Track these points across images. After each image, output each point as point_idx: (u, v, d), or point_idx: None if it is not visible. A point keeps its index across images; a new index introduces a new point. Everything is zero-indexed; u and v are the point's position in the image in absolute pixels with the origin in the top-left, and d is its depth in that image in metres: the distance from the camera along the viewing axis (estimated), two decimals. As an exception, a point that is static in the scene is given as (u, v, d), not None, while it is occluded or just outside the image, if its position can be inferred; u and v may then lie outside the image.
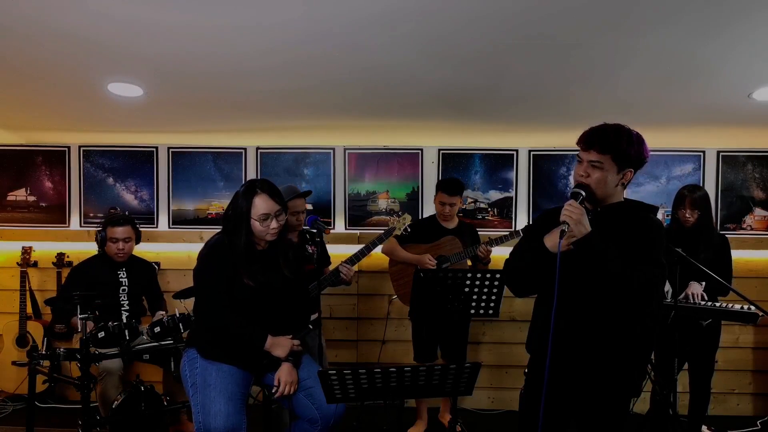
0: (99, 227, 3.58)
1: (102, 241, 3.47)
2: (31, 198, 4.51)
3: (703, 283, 3.16)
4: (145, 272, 3.71)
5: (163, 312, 3.44)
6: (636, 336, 1.96)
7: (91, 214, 4.48)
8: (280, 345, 2.40)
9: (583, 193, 1.92)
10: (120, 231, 3.46)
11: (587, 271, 1.89)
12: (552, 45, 2.62)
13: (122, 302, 3.50)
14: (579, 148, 1.97)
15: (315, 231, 3.17)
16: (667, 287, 3.08)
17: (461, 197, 3.69)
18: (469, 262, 3.65)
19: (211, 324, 2.39)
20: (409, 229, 3.35)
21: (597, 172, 1.93)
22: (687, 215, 3.23)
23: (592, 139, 1.93)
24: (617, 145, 1.91)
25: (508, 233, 3.64)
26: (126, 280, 3.55)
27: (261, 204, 2.35)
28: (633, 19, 2.36)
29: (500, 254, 4.17)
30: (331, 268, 3.42)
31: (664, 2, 2.22)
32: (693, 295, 3.13)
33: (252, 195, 2.36)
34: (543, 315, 2.03)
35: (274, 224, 2.38)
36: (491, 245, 3.55)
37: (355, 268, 3.34)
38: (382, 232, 3.36)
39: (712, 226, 3.35)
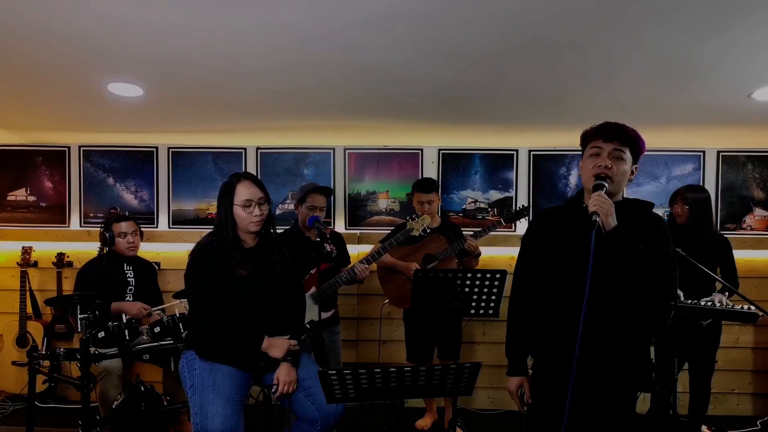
0: (101, 227, 3.58)
1: (111, 239, 3.48)
2: (31, 198, 4.51)
3: (726, 294, 3.18)
4: (148, 271, 3.72)
5: (161, 311, 3.45)
6: (650, 331, 1.97)
7: (91, 214, 4.48)
8: (276, 346, 2.39)
9: (606, 185, 1.89)
10: (126, 225, 3.51)
11: (605, 266, 1.84)
12: (551, 45, 2.61)
13: (128, 301, 3.50)
14: (592, 141, 1.97)
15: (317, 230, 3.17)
16: (678, 292, 3.08)
17: (438, 194, 3.70)
18: (455, 260, 3.65)
19: (206, 328, 2.39)
20: (428, 230, 3.37)
21: (619, 163, 1.93)
22: (678, 210, 3.37)
23: (612, 130, 1.94)
24: (635, 139, 1.95)
25: (490, 226, 3.61)
26: (133, 279, 3.56)
27: (243, 190, 2.39)
28: (632, 19, 2.36)
29: (498, 254, 4.21)
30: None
31: (663, 2, 2.22)
32: (720, 302, 3.10)
33: (235, 182, 2.42)
34: (548, 318, 2.02)
35: (257, 211, 2.39)
36: (476, 237, 3.55)
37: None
38: (399, 233, 3.35)
39: (706, 225, 3.35)
